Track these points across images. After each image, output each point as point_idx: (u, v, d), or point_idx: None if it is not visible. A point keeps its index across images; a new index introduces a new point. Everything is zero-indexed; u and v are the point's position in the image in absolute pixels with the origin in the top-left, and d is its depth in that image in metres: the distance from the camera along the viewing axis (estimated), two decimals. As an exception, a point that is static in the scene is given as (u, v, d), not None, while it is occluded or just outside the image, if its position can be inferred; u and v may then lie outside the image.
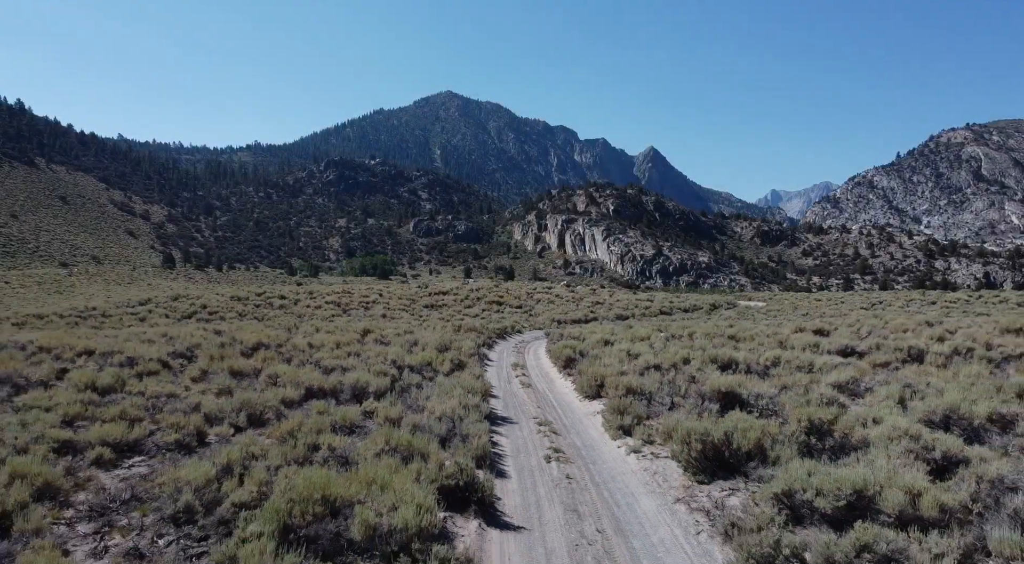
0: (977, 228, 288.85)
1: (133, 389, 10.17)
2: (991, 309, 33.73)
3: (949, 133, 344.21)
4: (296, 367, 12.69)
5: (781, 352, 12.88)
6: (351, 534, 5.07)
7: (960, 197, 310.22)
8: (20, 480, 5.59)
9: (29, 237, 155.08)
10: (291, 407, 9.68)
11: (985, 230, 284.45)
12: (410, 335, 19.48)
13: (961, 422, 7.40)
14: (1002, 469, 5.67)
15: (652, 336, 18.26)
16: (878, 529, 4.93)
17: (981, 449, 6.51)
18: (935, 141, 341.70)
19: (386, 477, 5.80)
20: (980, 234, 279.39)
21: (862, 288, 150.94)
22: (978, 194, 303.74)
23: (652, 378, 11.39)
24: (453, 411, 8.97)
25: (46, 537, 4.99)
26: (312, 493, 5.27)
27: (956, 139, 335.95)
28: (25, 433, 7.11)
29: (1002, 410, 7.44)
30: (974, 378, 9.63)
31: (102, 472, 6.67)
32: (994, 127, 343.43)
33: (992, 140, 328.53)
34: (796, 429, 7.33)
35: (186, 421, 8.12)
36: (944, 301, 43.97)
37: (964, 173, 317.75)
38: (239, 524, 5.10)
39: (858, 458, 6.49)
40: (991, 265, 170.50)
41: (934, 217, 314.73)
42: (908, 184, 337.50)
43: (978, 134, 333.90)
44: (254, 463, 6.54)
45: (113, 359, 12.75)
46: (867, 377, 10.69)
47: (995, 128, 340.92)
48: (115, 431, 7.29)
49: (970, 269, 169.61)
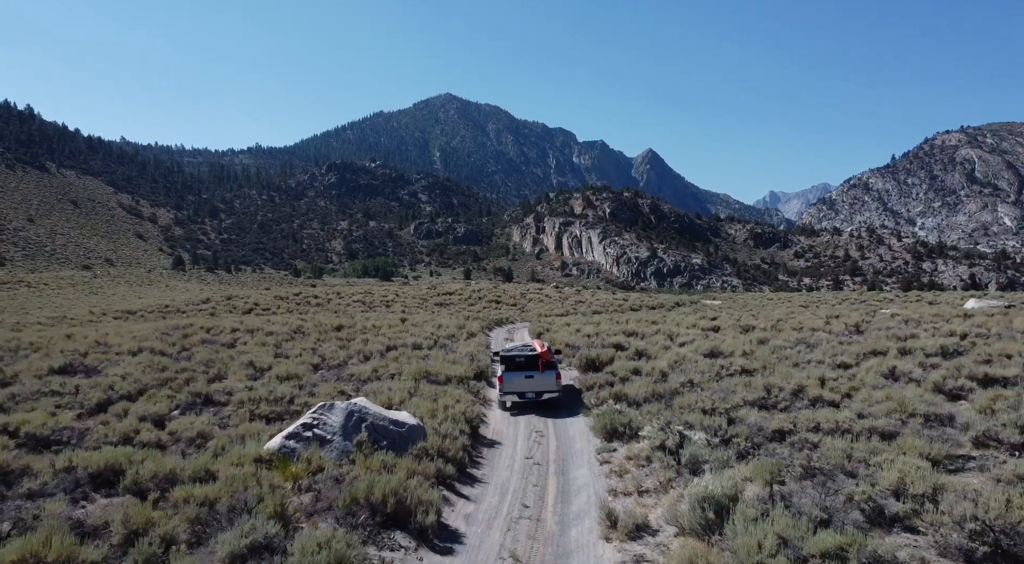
0: (970, 230, 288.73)
1: (302, 345, 19.09)
2: (896, 306, 38.97)
3: (943, 136, 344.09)
4: (372, 336, 20.66)
5: (660, 327, 22.07)
6: (440, 379, 13.39)
7: (954, 199, 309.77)
8: (290, 379, 14.60)
9: (46, 240, 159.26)
10: (383, 354, 17.80)
11: (978, 232, 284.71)
12: (434, 322, 24.16)
13: (717, 354, 16.11)
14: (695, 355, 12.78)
15: (601, 322, 24.31)
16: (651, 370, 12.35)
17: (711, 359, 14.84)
18: (930, 144, 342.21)
19: (448, 367, 14.64)
20: (973, 235, 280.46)
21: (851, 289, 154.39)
22: (972, 196, 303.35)
23: (582, 340, 20.18)
24: (470, 352, 17.56)
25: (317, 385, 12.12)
26: (420, 369, 14.07)
27: (950, 142, 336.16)
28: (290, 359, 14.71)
29: (746, 350, 16.11)
30: (744, 339, 18.21)
31: (332, 369, 15.31)
32: (988, 130, 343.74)
33: (986, 143, 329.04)
34: (630, 352, 16.41)
35: (343, 354, 16.97)
36: (874, 300, 51.29)
37: (958, 175, 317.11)
38: (400, 377, 13.70)
39: (654, 363, 14.91)
40: (977, 267, 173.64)
41: (928, 219, 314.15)
42: (903, 186, 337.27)
43: (972, 137, 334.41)
44: (387, 366, 15.08)
45: (265, 331, 21.50)
46: (696, 338, 19.33)
47: (989, 131, 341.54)
48: (332, 352, 16.03)
49: (956, 270, 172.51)
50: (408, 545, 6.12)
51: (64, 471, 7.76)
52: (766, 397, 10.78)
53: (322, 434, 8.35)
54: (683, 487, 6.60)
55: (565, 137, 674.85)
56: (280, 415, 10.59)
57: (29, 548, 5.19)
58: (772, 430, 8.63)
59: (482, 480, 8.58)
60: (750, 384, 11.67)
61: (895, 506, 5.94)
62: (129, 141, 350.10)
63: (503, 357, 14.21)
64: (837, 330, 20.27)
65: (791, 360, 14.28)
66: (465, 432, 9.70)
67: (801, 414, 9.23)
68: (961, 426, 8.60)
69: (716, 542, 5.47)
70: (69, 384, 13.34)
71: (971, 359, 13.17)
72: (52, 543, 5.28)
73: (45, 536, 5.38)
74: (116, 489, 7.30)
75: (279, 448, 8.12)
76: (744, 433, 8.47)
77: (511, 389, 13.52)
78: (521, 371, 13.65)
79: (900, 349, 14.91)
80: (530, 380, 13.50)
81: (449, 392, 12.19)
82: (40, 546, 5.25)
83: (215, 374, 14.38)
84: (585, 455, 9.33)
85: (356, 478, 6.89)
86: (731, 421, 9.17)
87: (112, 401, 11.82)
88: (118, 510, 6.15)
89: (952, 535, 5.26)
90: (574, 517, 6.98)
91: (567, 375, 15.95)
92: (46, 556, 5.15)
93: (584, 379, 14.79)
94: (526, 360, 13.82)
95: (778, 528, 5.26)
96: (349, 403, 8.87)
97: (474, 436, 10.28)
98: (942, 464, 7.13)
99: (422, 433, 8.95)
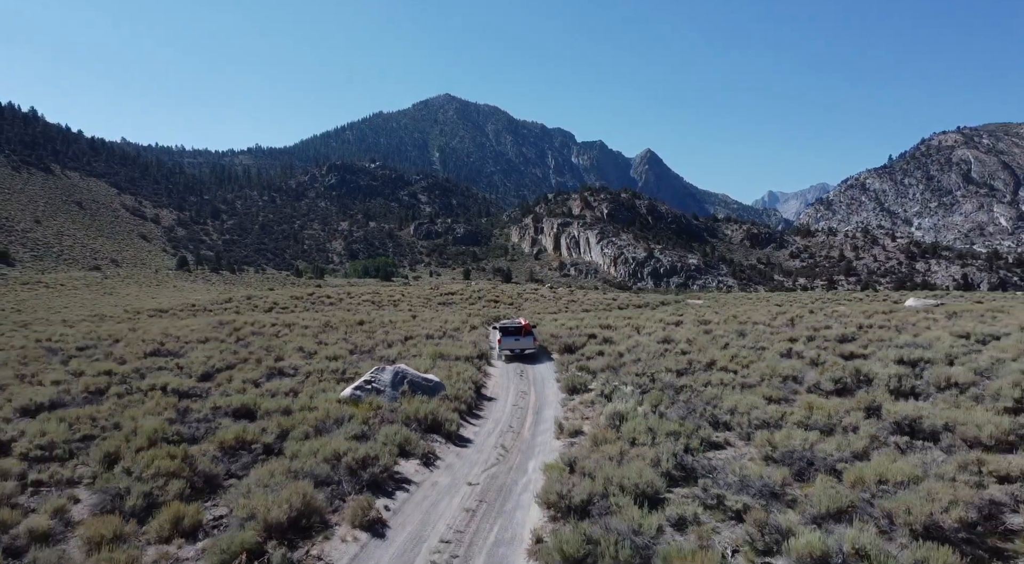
0: (966, 230, 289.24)
1: (334, 336, 23.47)
2: (853, 304, 43.21)
3: (940, 136, 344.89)
4: (391, 329, 25.13)
5: (633, 322, 26.82)
6: (451, 357, 17.35)
7: (950, 199, 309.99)
8: (336, 359, 18.28)
9: (53, 241, 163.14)
10: (403, 342, 22.21)
11: (974, 232, 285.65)
12: (440, 318, 28.50)
13: (669, 341, 19.99)
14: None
15: (584, 318, 28.55)
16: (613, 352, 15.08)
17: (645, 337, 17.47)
18: (926, 144, 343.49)
19: (457, 350, 18.75)
20: (969, 236, 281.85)
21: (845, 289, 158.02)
22: (968, 196, 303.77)
23: (564, 331, 24.47)
24: (473, 340, 21.68)
25: (351, 361, 14.33)
26: (435, 352, 18.15)
27: (947, 142, 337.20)
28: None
29: (690, 338, 19.69)
30: (695, 330, 22.80)
31: (364, 354, 19.25)
32: (984, 130, 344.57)
33: (982, 143, 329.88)
34: (599, 340, 21.11)
35: (371, 342, 21.25)
36: (844, 299, 55.71)
37: (954, 176, 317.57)
38: (421, 357, 17.99)
39: (615, 347, 19.03)
40: (969, 267, 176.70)
41: (924, 219, 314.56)
42: (900, 186, 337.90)
43: (968, 137, 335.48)
44: (408, 350, 19.65)
45: (301, 325, 25.48)
46: (657, 330, 23.33)
47: (985, 131, 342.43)
48: (361, 341, 19.29)
49: (949, 271, 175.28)
50: (441, 441, 10.45)
51: (212, 410, 11.99)
52: (687, 367, 15.02)
53: (377, 387, 12.61)
54: (603, 410, 10.88)
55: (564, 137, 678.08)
56: (339, 379, 14.83)
57: (236, 435, 9.49)
58: (679, 385, 12.85)
59: (483, 417, 12.86)
60: (680, 359, 15.90)
61: (724, 417, 10.19)
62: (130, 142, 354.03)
63: (501, 327, 21.80)
64: (777, 323, 24.45)
65: (721, 344, 18.49)
66: (471, 389, 14.02)
67: (701, 376, 13.47)
68: (803, 382, 12.86)
69: (614, 433, 9.71)
70: (170, 363, 17.59)
71: (857, 345, 17.40)
72: (249, 432, 9.61)
73: (236, 433, 9.66)
74: (254, 418, 11.53)
75: (350, 396, 12.37)
76: (658, 386, 12.72)
77: (506, 346, 21.06)
78: (512, 335, 21.24)
79: (809, 336, 19.14)
80: (518, 341, 21.12)
81: (459, 365, 16.48)
82: (242, 432, 9.55)
83: (276, 356, 18.63)
84: (554, 403, 13.64)
85: (406, 407, 11.18)
86: (652, 380, 13.43)
87: (211, 374, 16.05)
88: (271, 421, 10.43)
89: (743, 427, 9.54)
90: (540, 432, 11.26)
91: (549, 357, 20.91)
92: (251, 437, 9.47)
93: (561, 359, 19.20)
94: (515, 328, 21.50)
95: (648, 424, 9.50)
96: (395, 367, 13.18)
97: (478, 394, 14.56)
98: (775, 401, 11.32)
99: (443, 387, 13.24)
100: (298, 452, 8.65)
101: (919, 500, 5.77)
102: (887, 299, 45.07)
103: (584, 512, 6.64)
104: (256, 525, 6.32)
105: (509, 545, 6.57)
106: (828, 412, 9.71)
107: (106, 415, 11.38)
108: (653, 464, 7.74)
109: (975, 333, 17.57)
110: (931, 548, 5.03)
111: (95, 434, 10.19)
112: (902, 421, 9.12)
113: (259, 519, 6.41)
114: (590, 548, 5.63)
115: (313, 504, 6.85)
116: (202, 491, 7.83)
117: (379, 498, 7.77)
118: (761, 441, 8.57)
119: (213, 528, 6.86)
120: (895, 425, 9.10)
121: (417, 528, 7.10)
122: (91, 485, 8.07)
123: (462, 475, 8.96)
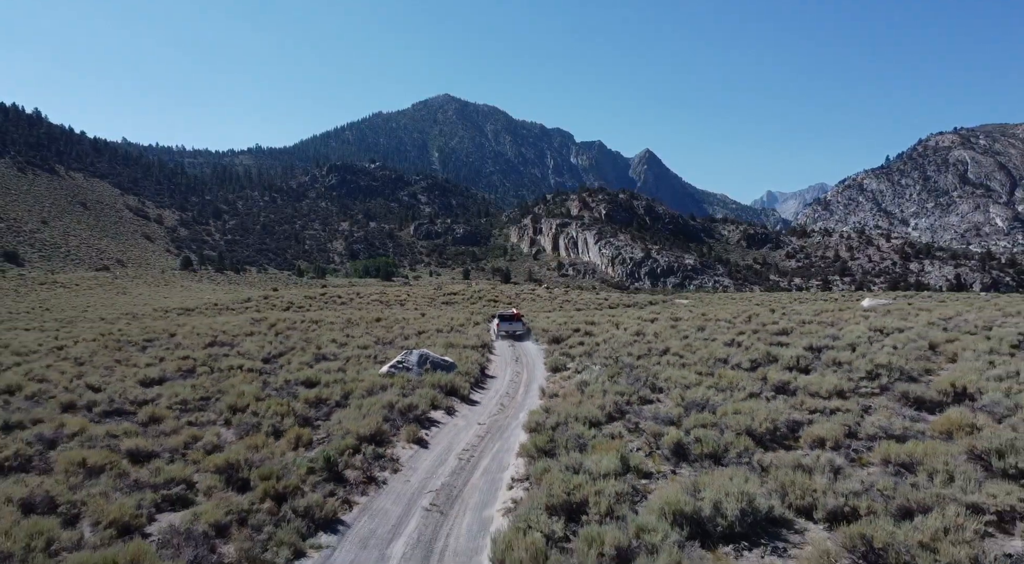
0: (963, 230, 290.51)
1: (358, 331, 27.25)
2: (811, 304, 47.18)
3: (937, 137, 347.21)
4: (405, 325, 28.54)
5: (615, 319, 30.00)
6: (459, 346, 19.85)
7: (947, 200, 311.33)
8: (365, 348, 20.84)
9: (60, 242, 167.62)
10: (417, 335, 26.43)
11: (971, 232, 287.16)
12: (446, 315, 32.61)
13: (641, 334, 21.40)
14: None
15: (574, 315, 32.84)
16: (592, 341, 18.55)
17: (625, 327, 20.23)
18: (923, 145, 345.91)
19: (464, 340, 22.93)
20: (966, 236, 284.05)
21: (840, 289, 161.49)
22: (964, 197, 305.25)
23: (554, 326, 28.51)
24: (477, 333, 25.55)
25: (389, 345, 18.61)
26: (446, 342, 22.63)
27: (944, 143, 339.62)
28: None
29: (657, 331, 21.14)
30: (665, 325, 26.77)
31: (386, 344, 22.47)
32: (981, 131, 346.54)
33: (979, 144, 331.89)
34: (582, 333, 24.93)
35: (390, 336, 25.47)
36: (809, 299, 60.16)
37: (951, 176, 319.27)
38: (435, 346, 21.14)
39: (594, 339, 22.99)
40: (962, 267, 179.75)
41: (921, 219, 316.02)
42: (897, 187, 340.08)
43: (965, 138, 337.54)
44: (423, 341, 23.56)
45: (327, 321, 28.59)
46: (632, 325, 27.37)
47: (982, 132, 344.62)
48: (382, 334, 21.52)
49: (942, 271, 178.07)
50: (457, 401, 14.67)
51: (285, 382, 16.04)
52: (647, 352, 19.11)
53: (407, 366, 16.72)
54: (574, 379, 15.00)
55: (563, 137, 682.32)
56: (374, 362, 18.91)
57: (316, 395, 13.56)
58: (636, 365, 16.94)
59: (487, 388, 17.03)
60: (643, 347, 20.00)
61: (661, 384, 14.28)
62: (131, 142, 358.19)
63: (499, 315, 29.12)
64: (738, 321, 28.49)
65: (681, 336, 22.57)
66: (478, 369, 18.26)
67: (655, 359, 17.57)
68: (729, 362, 16.95)
69: (580, 394, 13.79)
70: (230, 352, 21.66)
71: (791, 337, 21.49)
72: (323, 393, 13.73)
73: (315, 394, 13.72)
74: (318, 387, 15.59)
75: (387, 371, 16.45)
76: (619, 365, 16.81)
77: (502, 329, 28.01)
78: (507, 321, 28.37)
79: (755, 330, 23.24)
80: (511, 325, 28.19)
81: (467, 352, 20.63)
82: (318, 393, 13.66)
83: (316, 345, 22.71)
84: (540, 378, 17.87)
85: (430, 379, 15.32)
86: (616, 361, 17.54)
87: (270, 359, 20.12)
88: (334, 388, 14.52)
89: (671, 390, 13.65)
90: (530, 396, 15.46)
91: (539, 347, 25.05)
92: (324, 396, 13.59)
93: (549, 348, 23.35)
94: (510, 316, 28.92)
95: (603, 388, 13.59)
96: (419, 350, 17.33)
97: (482, 372, 18.75)
98: (702, 375, 15.38)
99: (456, 366, 17.40)
100: (362, 404, 12.73)
101: (746, 418, 9.85)
102: (847, 300, 49.14)
103: (552, 431, 10.70)
104: (351, 436, 10.39)
105: (506, 452, 10.65)
106: (731, 380, 13.79)
107: (208, 385, 15.43)
108: (600, 408, 11.83)
109: (887, 328, 21.69)
110: (738, 438, 9.11)
111: (210, 396, 14.26)
112: (778, 384, 13.22)
113: (353, 433, 10.48)
114: (553, 444, 9.70)
115: (382, 428, 10.95)
116: (304, 426, 11.88)
117: (421, 429, 11.87)
118: (676, 396, 12.64)
119: (319, 443, 10.91)
120: (773, 387, 13.19)
121: (447, 445, 11.20)
122: (226, 424, 12.13)
123: (474, 419, 13.10)
